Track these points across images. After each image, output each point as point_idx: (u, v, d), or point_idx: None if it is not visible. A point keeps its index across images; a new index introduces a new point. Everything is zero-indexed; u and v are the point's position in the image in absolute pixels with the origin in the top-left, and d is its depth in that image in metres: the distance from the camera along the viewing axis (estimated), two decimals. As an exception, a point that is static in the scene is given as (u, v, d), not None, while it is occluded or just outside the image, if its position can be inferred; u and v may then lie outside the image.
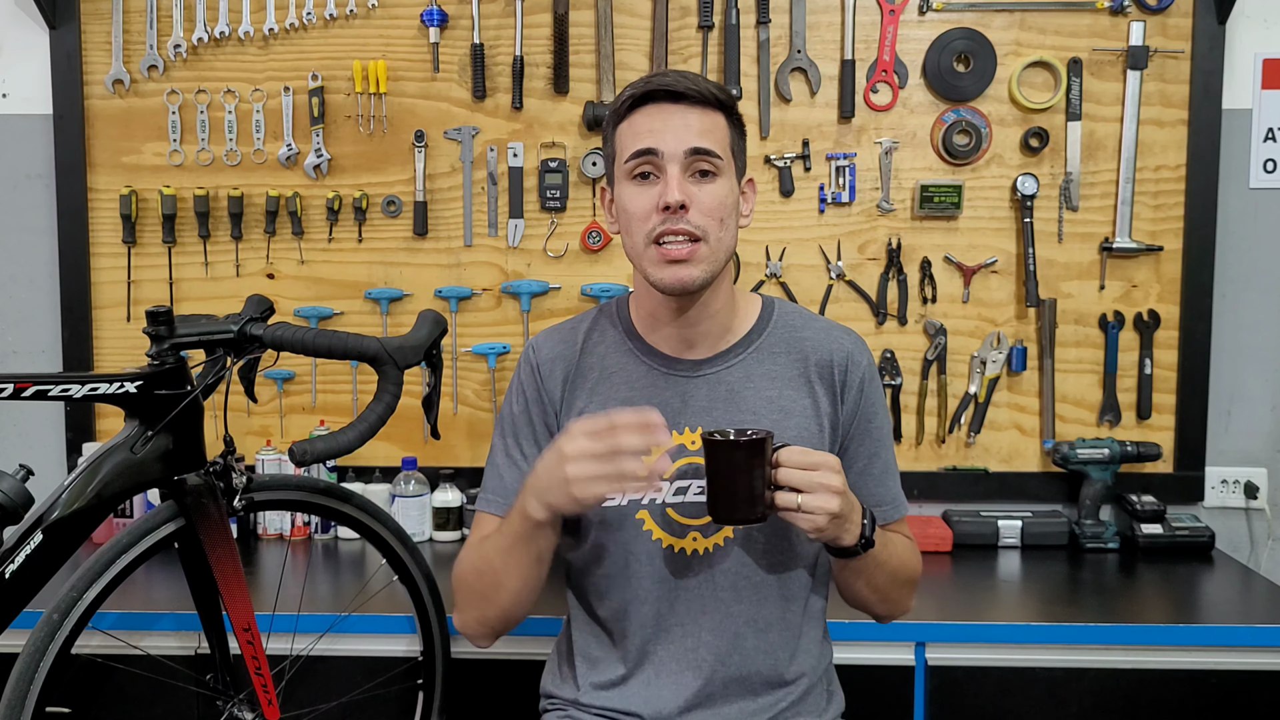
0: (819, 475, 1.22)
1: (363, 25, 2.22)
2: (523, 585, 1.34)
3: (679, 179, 1.29)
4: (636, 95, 1.33)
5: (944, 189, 2.18)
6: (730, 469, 1.23)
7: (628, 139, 1.33)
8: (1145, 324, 2.21)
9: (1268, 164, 2.20)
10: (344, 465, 2.21)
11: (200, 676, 1.58)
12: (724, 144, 1.33)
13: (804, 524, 1.23)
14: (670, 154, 1.30)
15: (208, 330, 1.43)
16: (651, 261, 1.32)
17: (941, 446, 2.26)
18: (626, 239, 1.35)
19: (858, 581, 1.38)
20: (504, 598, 1.36)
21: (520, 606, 1.38)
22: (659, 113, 1.31)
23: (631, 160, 1.32)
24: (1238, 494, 2.25)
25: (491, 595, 1.36)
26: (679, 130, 1.30)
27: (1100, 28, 2.18)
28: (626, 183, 1.33)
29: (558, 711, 1.45)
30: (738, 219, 1.36)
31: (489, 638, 1.43)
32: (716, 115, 1.33)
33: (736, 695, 1.39)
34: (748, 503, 1.23)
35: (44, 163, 2.25)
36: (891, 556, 1.37)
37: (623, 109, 1.34)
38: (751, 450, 1.22)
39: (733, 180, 1.35)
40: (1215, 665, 1.72)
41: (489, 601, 1.38)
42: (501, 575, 1.34)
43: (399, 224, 2.25)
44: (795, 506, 1.22)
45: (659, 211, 1.30)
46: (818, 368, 1.41)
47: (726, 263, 1.36)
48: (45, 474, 1.77)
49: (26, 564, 1.30)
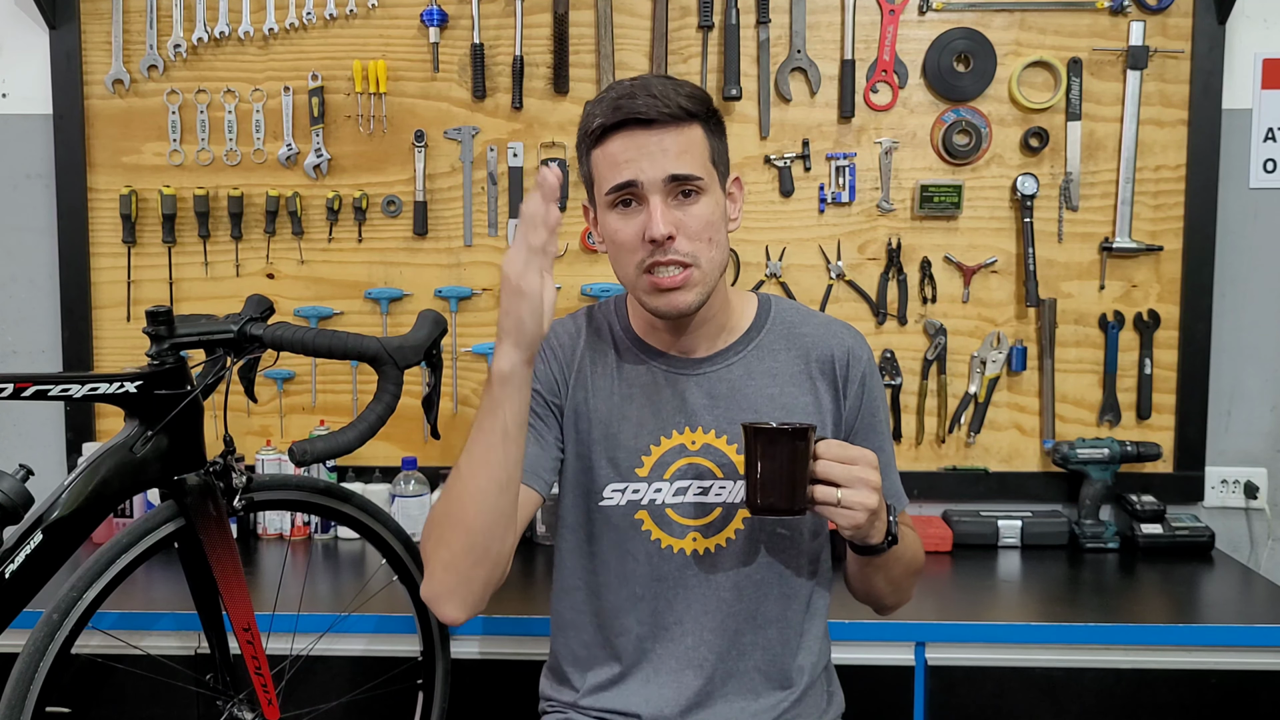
0: (859, 470, 1.21)
1: (363, 25, 2.22)
2: (490, 481, 1.22)
3: (662, 208, 1.27)
4: (607, 125, 1.29)
5: (944, 189, 2.18)
6: (773, 459, 1.20)
7: (605, 170, 1.30)
8: (1145, 324, 2.21)
9: (1268, 164, 2.20)
10: (344, 465, 2.21)
11: (200, 676, 1.58)
12: (703, 160, 1.30)
13: (843, 520, 1.21)
14: (650, 183, 1.27)
15: (208, 330, 1.43)
16: (644, 291, 1.31)
17: (941, 446, 2.25)
18: (617, 267, 1.34)
19: (877, 576, 1.37)
20: (469, 509, 1.22)
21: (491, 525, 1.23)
22: (632, 141, 1.28)
23: (612, 193, 1.30)
24: (1238, 494, 2.25)
25: (455, 513, 1.24)
26: (656, 157, 1.27)
27: (1100, 28, 2.18)
28: (609, 212, 1.32)
29: (556, 714, 1.45)
30: (726, 227, 1.35)
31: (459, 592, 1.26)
32: (691, 130, 1.30)
33: (737, 695, 1.39)
34: (788, 494, 1.21)
35: (44, 163, 2.25)
36: (906, 549, 1.37)
37: (595, 134, 1.30)
38: (796, 439, 1.20)
39: (717, 193, 1.33)
40: (1215, 665, 1.72)
41: (454, 524, 1.24)
42: (466, 480, 1.23)
43: (399, 224, 2.25)
44: (835, 501, 1.20)
45: (645, 243, 1.28)
46: (819, 363, 1.41)
47: (721, 276, 1.35)
48: (45, 474, 1.77)
49: (26, 564, 1.29)
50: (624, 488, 1.38)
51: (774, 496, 1.22)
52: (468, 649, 1.75)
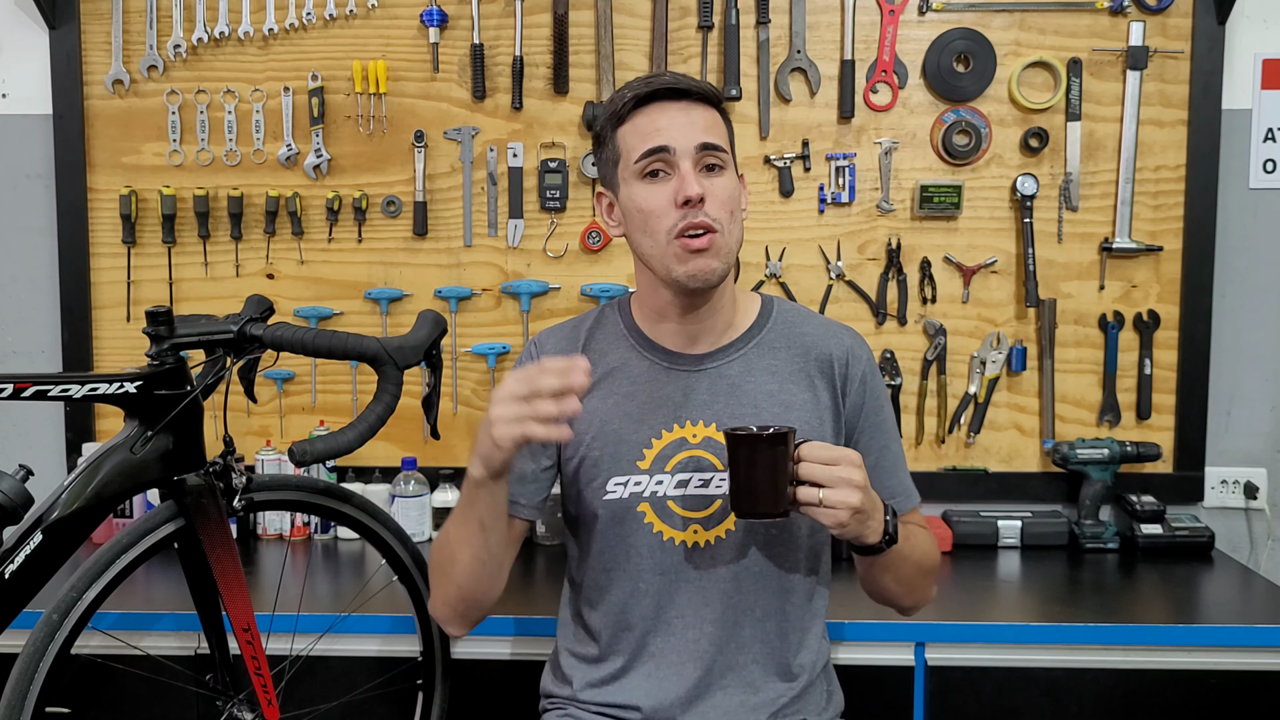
0: (840, 470, 1.22)
1: (362, 25, 2.22)
2: (472, 558, 1.33)
3: (693, 173, 1.32)
4: (640, 95, 1.34)
5: (944, 189, 2.18)
6: (753, 464, 1.23)
7: (634, 139, 1.34)
8: (1145, 324, 2.21)
9: (1267, 164, 2.20)
10: (344, 465, 2.21)
11: (200, 676, 1.58)
12: (725, 139, 1.37)
13: (826, 519, 1.23)
14: (682, 150, 1.32)
15: (207, 330, 1.43)
16: (675, 256, 1.33)
17: (941, 447, 2.26)
18: (644, 239, 1.35)
19: (884, 576, 1.38)
20: (458, 571, 1.35)
21: (476, 584, 1.36)
22: (664, 111, 1.33)
23: (643, 159, 1.33)
24: (1237, 494, 2.25)
25: (448, 568, 1.36)
26: (686, 127, 1.33)
27: (1100, 28, 2.18)
28: (637, 183, 1.34)
29: (557, 710, 1.46)
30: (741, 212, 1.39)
31: (457, 622, 1.42)
32: (714, 111, 1.37)
33: (736, 688, 1.39)
34: (770, 498, 1.23)
35: (44, 163, 2.25)
36: (914, 549, 1.38)
37: (623, 110, 1.35)
38: (775, 445, 1.22)
39: (734, 174, 1.38)
40: (1215, 665, 1.72)
41: (447, 576, 1.37)
42: (454, 546, 1.34)
43: (399, 224, 2.25)
44: (817, 501, 1.22)
45: (678, 207, 1.31)
46: (818, 363, 1.42)
47: (736, 255, 1.39)
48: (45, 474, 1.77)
49: (26, 564, 1.29)
50: (626, 480, 1.39)
51: (756, 500, 1.24)
52: (468, 649, 1.75)
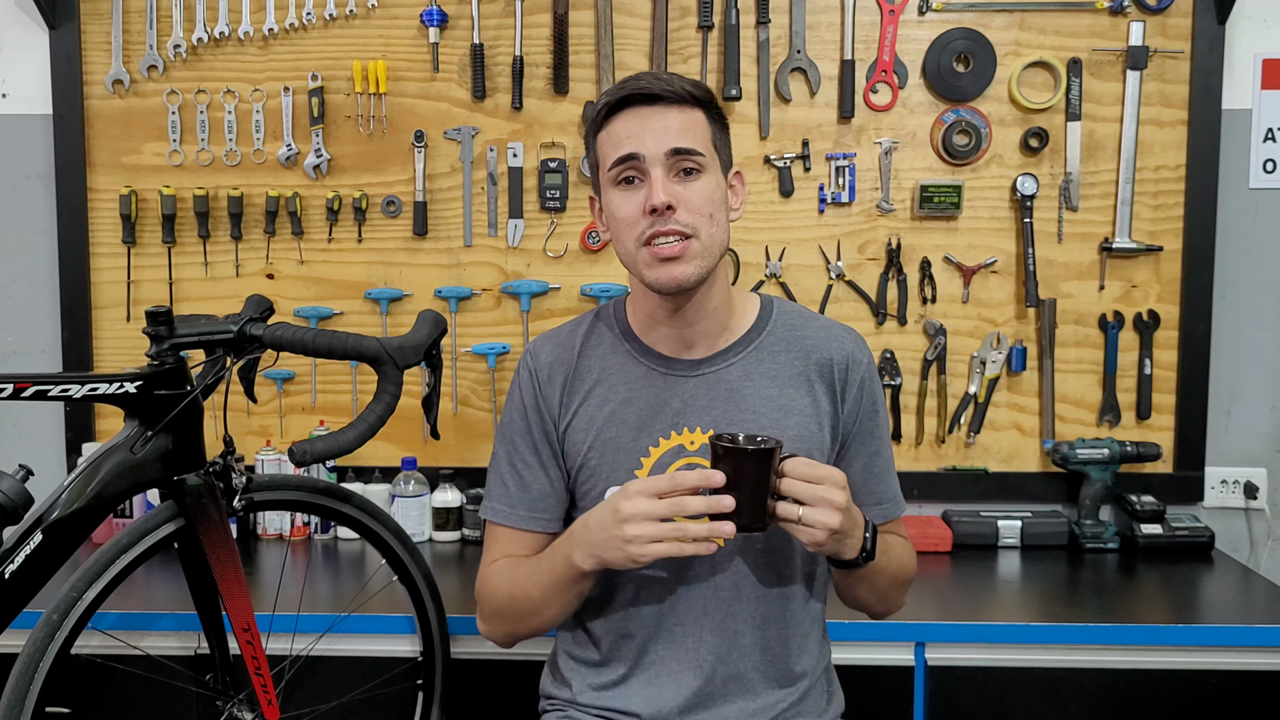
0: (823, 489, 1.22)
1: (362, 25, 2.22)
2: (561, 614, 1.39)
3: (663, 180, 1.30)
4: (612, 102, 1.33)
5: (944, 189, 2.18)
6: (736, 476, 1.21)
7: (608, 146, 1.34)
8: (1145, 324, 2.21)
9: (1267, 164, 2.20)
10: (344, 465, 2.21)
11: (200, 676, 1.58)
12: (704, 140, 1.33)
13: (803, 537, 1.23)
14: (651, 156, 1.30)
15: (207, 330, 1.43)
16: (645, 263, 1.32)
17: (941, 446, 2.25)
18: (618, 245, 1.36)
19: (859, 587, 1.39)
20: (539, 623, 1.40)
21: (555, 625, 1.43)
22: (636, 117, 1.32)
23: (615, 167, 1.32)
24: (1237, 494, 2.25)
25: (527, 619, 1.39)
26: (658, 132, 1.30)
27: (1100, 28, 2.18)
28: (612, 189, 1.34)
29: (556, 712, 1.45)
30: (728, 213, 1.36)
31: (512, 644, 1.48)
32: (694, 112, 1.33)
33: (736, 695, 1.39)
34: (750, 512, 1.21)
35: (44, 163, 2.25)
36: (891, 561, 1.38)
37: (600, 117, 1.35)
38: (760, 460, 1.21)
39: (718, 175, 1.35)
40: (1215, 665, 1.72)
41: (522, 624, 1.41)
42: (540, 606, 1.37)
43: (399, 224, 2.25)
44: (796, 518, 1.22)
45: (646, 215, 1.30)
46: (818, 367, 1.41)
47: (721, 258, 1.36)
48: (45, 474, 1.77)
49: (26, 564, 1.29)
50: None
51: (737, 514, 1.21)
52: (468, 649, 1.75)
